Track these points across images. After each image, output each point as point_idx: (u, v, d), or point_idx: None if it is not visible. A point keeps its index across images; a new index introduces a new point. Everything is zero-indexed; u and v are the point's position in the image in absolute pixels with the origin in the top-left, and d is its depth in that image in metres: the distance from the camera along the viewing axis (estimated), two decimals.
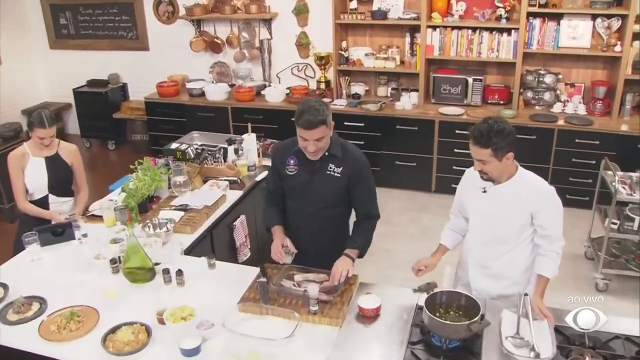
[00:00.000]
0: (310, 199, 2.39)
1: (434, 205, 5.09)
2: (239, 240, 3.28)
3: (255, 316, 2.15)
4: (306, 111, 2.15)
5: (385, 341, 2.01)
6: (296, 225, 2.50)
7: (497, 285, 2.23)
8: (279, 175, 2.43)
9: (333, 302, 2.20)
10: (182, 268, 2.41)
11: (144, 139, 6.23)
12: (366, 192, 2.39)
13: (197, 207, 3.04)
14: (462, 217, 2.37)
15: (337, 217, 2.48)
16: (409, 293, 2.28)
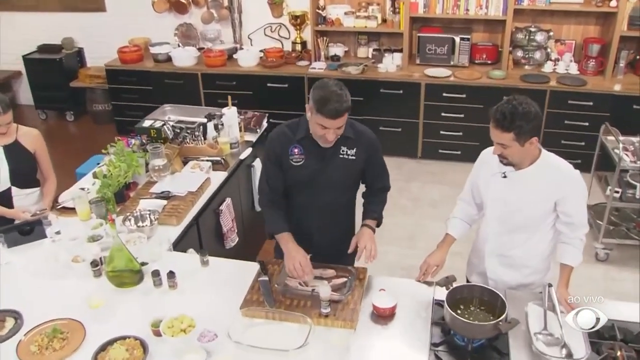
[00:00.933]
0: (323, 189, 2.21)
1: (422, 173, 5.00)
2: (226, 225, 3.11)
3: (260, 321, 2.02)
4: (330, 98, 1.95)
5: (405, 343, 1.92)
6: (306, 222, 2.33)
7: (516, 274, 2.15)
8: (280, 169, 2.21)
9: (345, 301, 2.06)
10: (173, 267, 2.25)
11: (106, 109, 5.87)
12: (381, 166, 2.29)
13: (180, 193, 2.85)
14: (474, 204, 2.25)
15: (350, 203, 2.36)
16: (423, 286, 2.19)
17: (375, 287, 2.18)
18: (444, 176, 5.00)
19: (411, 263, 3.89)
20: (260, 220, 3.85)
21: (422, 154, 5.15)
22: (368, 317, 2.04)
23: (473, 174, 2.23)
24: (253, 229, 3.63)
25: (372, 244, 2.15)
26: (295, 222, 2.33)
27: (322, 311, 2.00)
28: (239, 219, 3.31)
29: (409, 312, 2.05)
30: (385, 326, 2.01)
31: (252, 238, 3.64)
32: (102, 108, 5.90)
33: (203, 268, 2.33)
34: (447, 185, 4.87)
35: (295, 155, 2.18)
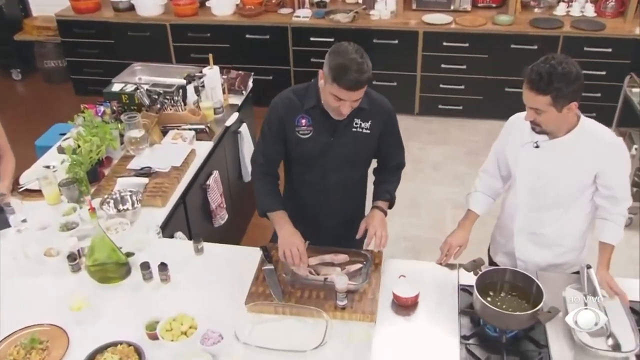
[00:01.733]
0: (332, 166, 2.15)
1: (421, 132, 4.94)
2: (215, 202, 3.02)
3: (269, 317, 1.95)
4: (349, 67, 1.83)
5: (432, 336, 1.88)
6: (312, 202, 2.26)
7: (548, 253, 2.12)
8: (282, 140, 2.13)
9: (361, 290, 2.01)
10: (162, 256, 2.15)
11: (59, 65, 5.61)
12: (397, 141, 2.22)
13: (163, 169, 2.72)
14: (500, 176, 2.19)
15: (361, 180, 2.30)
16: (445, 270, 2.16)
17: (391, 271, 2.13)
18: (446, 135, 4.95)
19: (415, 233, 3.91)
20: (250, 192, 3.83)
21: (419, 110, 5.08)
22: (388, 307, 2.00)
23: (499, 143, 2.16)
24: (241, 202, 3.56)
25: (383, 230, 2.08)
26: (300, 202, 2.25)
27: (338, 303, 1.94)
28: (226, 193, 3.22)
29: (433, 300, 2.02)
30: (408, 317, 1.97)
31: (241, 212, 3.58)
32: (55, 65, 5.63)
33: (197, 256, 2.25)
34: (449, 145, 4.84)
35: (302, 126, 2.08)
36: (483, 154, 2.34)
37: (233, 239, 3.45)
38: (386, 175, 2.28)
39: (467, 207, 2.27)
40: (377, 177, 2.31)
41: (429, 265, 2.20)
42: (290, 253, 2.02)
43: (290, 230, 2.07)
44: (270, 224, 2.18)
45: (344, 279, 1.93)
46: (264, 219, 2.20)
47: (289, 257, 2.02)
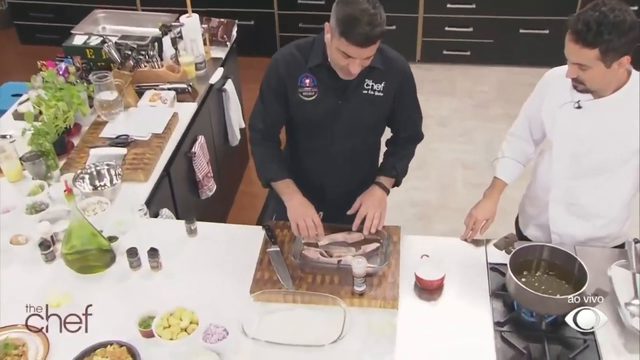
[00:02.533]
0: (339, 133, 2.09)
1: (424, 81, 4.84)
2: (201, 171, 2.94)
3: (278, 306, 1.90)
4: (359, 19, 1.73)
5: (462, 323, 1.85)
6: (315, 173, 2.20)
7: (588, 226, 2.08)
8: (283, 102, 2.05)
9: (380, 273, 1.96)
10: (150, 239, 2.07)
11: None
12: (413, 109, 2.15)
13: (143, 137, 2.63)
14: (531, 140, 2.13)
15: (372, 149, 2.25)
16: (471, 246, 2.12)
17: (412, 250, 2.08)
18: (452, 85, 4.88)
19: (423, 198, 3.87)
20: (237, 157, 3.78)
21: (421, 56, 4.99)
22: (410, 292, 1.96)
23: (532, 103, 2.09)
24: (228, 169, 3.51)
25: (377, 211, 2.03)
26: (302, 172, 2.19)
27: (356, 289, 1.89)
28: (213, 160, 3.14)
29: (460, 282, 1.98)
30: (433, 302, 1.93)
31: (228, 180, 3.53)
32: None
33: (191, 238, 2.18)
34: (455, 96, 4.77)
35: (305, 87, 1.99)
36: (494, 105, 2.28)
37: (221, 210, 3.40)
38: (397, 147, 2.21)
39: (494, 175, 2.21)
40: (387, 148, 2.25)
41: (453, 242, 2.15)
42: (304, 224, 1.97)
43: (301, 200, 2.03)
44: (259, 191, 2.12)
45: (362, 262, 1.88)
46: (252, 186, 2.14)
47: (304, 230, 1.98)
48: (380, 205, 2.07)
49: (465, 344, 1.79)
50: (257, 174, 2.17)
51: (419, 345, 1.79)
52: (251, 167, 3.89)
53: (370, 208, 2.05)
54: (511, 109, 4.48)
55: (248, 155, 3.92)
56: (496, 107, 4.53)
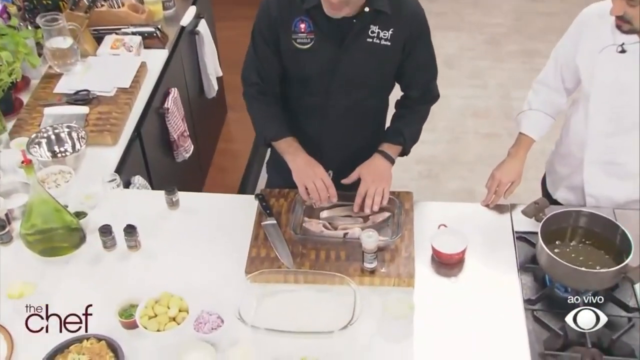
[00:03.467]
0: (339, 88, 2.07)
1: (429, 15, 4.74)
2: (176, 130, 2.94)
3: (278, 287, 1.92)
4: None
5: (488, 302, 1.88)
6: (313, 133, 2.19)
7: (629, 187, 2.11)
8: (276, 51, 2.03)
9: (392, 247, 1.98)
10: (126, 214, 2.09)
11: None
12: (427, 63, 2.12)
13: (107, 92, 2.60)
14: (563, 89, 2.13)
15: (378, 108, 2.23)
16: (494, 213, 2.14)
17: (427, 218, 2.11)
18: (460, 18, 4.85)
19: (430, 153, 3.89)
20: (214, 111, 3.75)
21: None
22: (427, 267, 1.99)
23: (565, 46, 2.08)
24: (205, 125, 3.51)
25: (381, 186, 2.02)
26: (298, 132, 2.18)
27: (366, 266, 1.91)
28: (188, 116, 3.12)
29: (483, 254, 2.00)
30: (454, 278, 1.96)
31: (205, 138, 3.52)
32: None
33: (172, 211, 2.18)
34: (463, 31, 4.75)
35: (300, 33, 1.97)
36: (509, 41, 2.28)
37: (199, 173, 3.39)
38: (406, 109, 2.19)
39: (519, 130, 2.22)
40: (396, 110, 2.23)
41: (473, 209, 2.17)
42: (314, 186, 1.99)
43: (306, 159, 2.05)
44: (241, 149, 2.12)
45: (373, 235, 1.88)
46: (233, 143, 2.14)
47: (314, 192, 2.00)
48: (382, 178, 2.05)
49: (491, 325, 1.83)
50: (255, 133, 2.18)
51: (440, 327, 1.82)
52: (230, 122, 3.87)
53: (371, 184, 2.03)
54: (529, 44, 4.49)
55: (226, 108, 3.89)
56: (511, 43, 4.52)
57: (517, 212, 2.10)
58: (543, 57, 2.32)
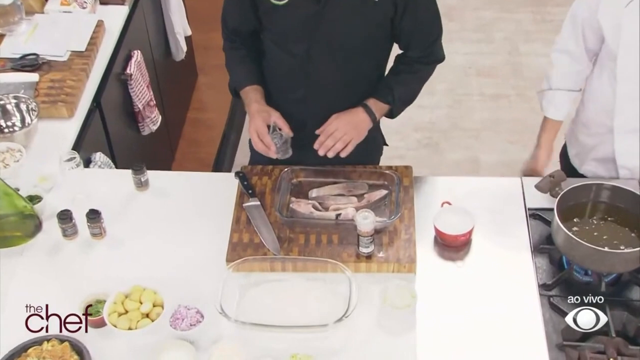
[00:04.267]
0: (319, 51, 2.08)
1: None
2: (141, 99, 2.96)
3: (263, 277, 1.94)
4: None
5: (498, 288, 1.91)
6: (293, 99, 2.21)
7: None
8: (250, 4, 2.06)
9: (390, 228, 2.01)
10: (88, 198, 2.12)
11: None
12: (426, 21, 2.11)
13: (59, 56, 2.61)
14: (585, 52, 2.14)
15: (370, 76, 2.21)
16: (503, 187, 2.17)
17: (428, 195, 2.14)
18: None
19: (430, 119, 3.89)
20: (183, 75, 3.74)
21: None
22: (430, 250, 2.02)
23: (583, 2, 2.08)
24: (174, 92, 3.51)
25: (348, 135, 2.06)
26: (276, 97, 2.23)
27: (362, 251, 1.94)
28: (154, 83, 3.12)
29: (492, 235, 2.04)
30: (460, 262, 1.99)
31: (174, 106, 3.53)
32: None
33: (141, 193, 2.19)
34: None
35: None
36: None
37: (168, 147, 3.39)
38: (402, 65, 2.21)
39: (544, 114, 2.25)
40: (393, 63, 2.25)
41: (481, 183, 2.21)
42: (256, 139, 2.07)
43: (258, 107, 2.12)
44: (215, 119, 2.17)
45: (369, 216, 1.90)
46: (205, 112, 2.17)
47: (256, 144, 2.08)
48: (354, 128, 2.08)
49: (503, 314, 1.86)
50: None
51: (445, 318, 1.86)
52: (201, 87, 3.87)
53: (340, 127, 2.06)
54: None
55: (196, 72, 3.88)
56: None
57: (530, 186, 2.12)
58: (556, 6, 2.33)
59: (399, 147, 3.48)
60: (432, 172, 2.30)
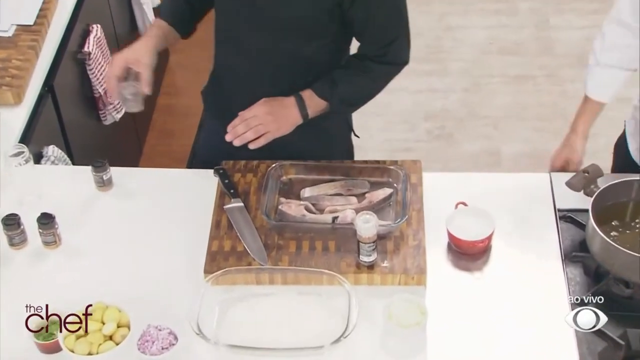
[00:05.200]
0: (255, 28, 2.14)
1: None
2: (102, 82, 2.98)
3: (248, 290, 1.96)
4: None
5: (524, 303, 1.92)
6: (231, 78, 2.28)
7: None
8: None
9: (397, 233, 2.03)
10: (41, 200, 2.15)
11: None
12: (379, 16, 2.11)
13: (2, 31, 2.64)
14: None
15: (311, 65, 2.22)
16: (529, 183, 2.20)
17: (436, 191, 2.15)
18: None
19: (444, 104, 3.85)
20: None
21: None
22: (443, 258, 2.04)
23: None
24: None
25: (265, 123, 2.10)
26: (216, 74, 2.35)
27: (363, 260, 1.96)
28: None
29: (516, 240, 2.05)
30: (478, 273, 2.01)
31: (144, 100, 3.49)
32: None
33: (103, 193, 2.22)
34: None
35: None
36: None
37: (135, 140, 3.39)
38: (356, 59, 2.23)
39: (586, 93, 2.26)
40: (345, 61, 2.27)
41: (500, 180, 2.25)
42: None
43: (132, 46, 2.17)
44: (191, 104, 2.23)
45: (371, 219, 1.92)
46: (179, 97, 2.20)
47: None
48: (275, 121, 2.11)
49: (528, 334, 1.87)
50: None
51: (460, 338, 1.87)
52: (174, 68, 3.88)
53: (260, 115, 2.10)
54: None
55: (167, 50, 3.87)
56: None
57: (560, 183, 2.14)
58: None
59: (407, 140, 3.49)
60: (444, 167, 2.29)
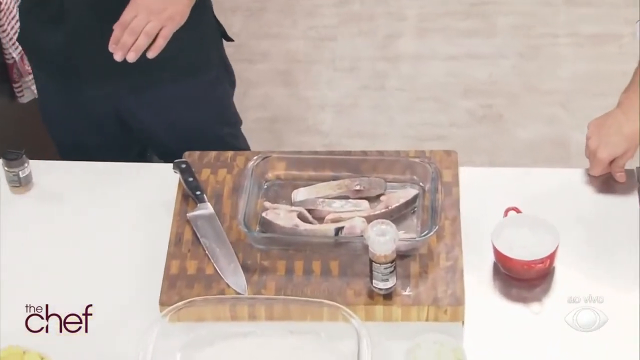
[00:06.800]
0: None
1: None
2: (17, 44, 2.95)
3: (221, 328, 1.99)
4: None
5: (600, 343, 1.93)
6: None
7: None
8: None
9: (423, 251, 2.06)
10: None
11: None
12: None
13: None
14: None
15: None
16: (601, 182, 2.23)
17: (476, 193, 2.20)
18: None
19: (491, 76, 3.84)
20: None
21: None
22: (486, 284, 2.08)
23: None
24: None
25: (153, 22, 2.14)
26: None
27: (377, 286, 1.98)
28: None
29: (588, 259, 2.09)
30: (537, 305, 2.03)
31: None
32: None
33: (20, 197, 2.27)
34: None
35: None
36: None
37: None
38: None
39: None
40: None
41: (566, 177, 2.28)
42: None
43: None
44: None
45: (389, 231, 1.93)
46: None
47: None
48: (163, 10, 2.16)
49: None
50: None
51: None
52: None
53: (141, 12, 2.15)
54: None
55: None
56: None
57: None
58: None
59: (440, 123, 3.51)
60: (491, 161, 2.28)
